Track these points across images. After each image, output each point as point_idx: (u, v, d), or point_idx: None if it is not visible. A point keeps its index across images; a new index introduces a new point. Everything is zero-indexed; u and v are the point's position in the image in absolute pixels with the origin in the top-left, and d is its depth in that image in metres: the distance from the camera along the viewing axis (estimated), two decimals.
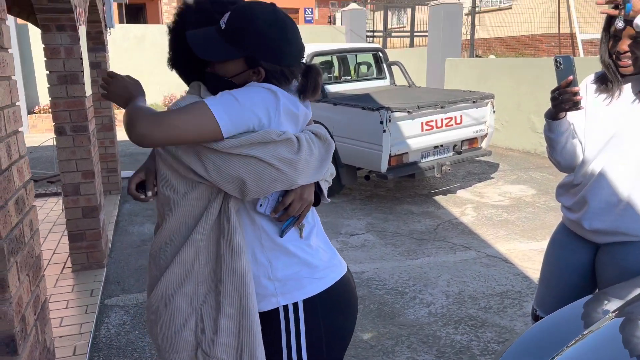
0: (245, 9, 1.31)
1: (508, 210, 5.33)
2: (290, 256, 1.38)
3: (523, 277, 3.79)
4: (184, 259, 1.34)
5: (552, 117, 1.77)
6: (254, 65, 1.32)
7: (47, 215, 5.30)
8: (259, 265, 1.37)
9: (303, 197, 1.36)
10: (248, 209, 1.36)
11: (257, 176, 1.25)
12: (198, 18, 1.37)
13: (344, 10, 12.79)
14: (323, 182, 1.45)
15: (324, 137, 1.39)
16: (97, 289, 3.66)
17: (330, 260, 1.46)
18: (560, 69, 1.64)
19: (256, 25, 1.29)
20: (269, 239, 1.37)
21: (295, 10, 22.01)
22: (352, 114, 5.39)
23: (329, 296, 1.42)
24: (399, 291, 3.62)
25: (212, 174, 1.26)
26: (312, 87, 1.38)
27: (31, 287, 1.73)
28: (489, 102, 5.89)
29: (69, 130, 3.70)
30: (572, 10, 13.21)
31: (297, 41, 1.35)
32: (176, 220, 1.35)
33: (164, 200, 1.37)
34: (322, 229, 1.53)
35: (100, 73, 5.66)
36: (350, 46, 7.18)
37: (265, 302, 1.38)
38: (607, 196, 1.73)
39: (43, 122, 10.93)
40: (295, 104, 1.35)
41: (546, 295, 2.01)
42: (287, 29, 1.33)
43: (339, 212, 5.42)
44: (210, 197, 1.33)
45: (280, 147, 1.26)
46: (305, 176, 1.32)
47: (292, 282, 1.38)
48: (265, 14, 1.30)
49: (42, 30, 3.49)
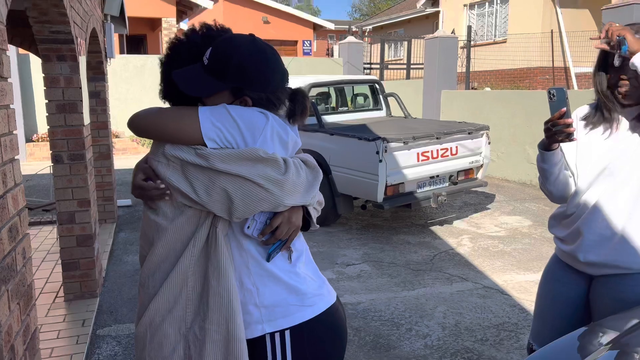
0: (225, 43, 1.36)
1: (504, 241, 5.32)
2: (278, 283, 1.38)
3: (520, 308, 3.76)
4: (172, 285, 1.34)
5: (545, 148, 1.79)
6: (240, 95, 1.36)
7: (41, 243, 5.26)
8: (246, 291, 1.36)
9: (291, 220, 1.36)
10: (236, 234, 1.36)
11: (243, 195, 1.27)
12: (189, 52, 1.41)
13: (342, 43, 13.01)
14: (311, 209, 1.46)
15: (312, 164, 1.41)
16: (90, 318, 3.61)
17: (318, 288, 1.45)
18: (553, 101, 1.67)
19: (237, 57, 1.33)
20: (257, 264, 1.37)
21: (294, 42, 22.37)
22: (349, 144, 5.43)
23: (317, 325, 1.40)
24: (395, 322, 3.58)
25: (200, 193, 1.28)
26: (300, 110, 1.41)
27: (21, 317, 1.71)
28: (484, 133, 5.95)
29: (66, 159, 3.71)
30: (566, 44, 13.47)
31: (278, 67, 1.40)
32: (165, 246, 1.35)
33: (153, 226, 1.37)
34: (311, 257, 1.52)
35: (99, 102, 5.71)
36: (348, 78, 7.28)
37: (251, 329, 1.37)
38: (602, 229, 1.74)
39: (41, 150, 10.96)
40: (286, 130, 1.38)
41: (542, 328, 1.99)
42: (267, 57, 1.37)
43: (335, 241, 5.40)
44: (198, 223, 1.33)
45: (268, 166, 1.28)
46: (293, 198, 1.33)
47: (278, 309, 1.37)
48: (245, 45, 1.35)
49: (43, 59, 3.54)
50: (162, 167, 1.31)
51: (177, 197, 1.32)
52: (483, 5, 16.18)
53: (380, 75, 13.53)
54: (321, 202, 1.51)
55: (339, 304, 1.51)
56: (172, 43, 1.45)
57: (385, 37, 17.29)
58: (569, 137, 1.67)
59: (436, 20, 18.54)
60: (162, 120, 1.31)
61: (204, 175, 1.27)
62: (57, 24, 3.36)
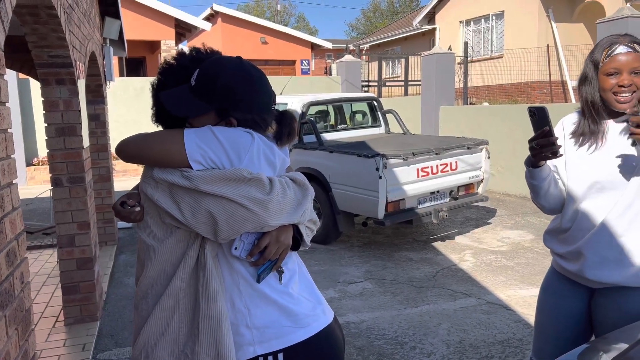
0: (212, 65, 1.38)
1: (507, 255, 5.29)
2: (270, 304, 1.36)
3: (524, 324, 3.72)
4: (164, 308, 1.33)
5: (532, 165, 1.78)
6: (226, 116, 1.37)
7: (41, 267, 5.23)
8: (237, 312, 1.35)
9: (279, 240, 1.35)
10: (226, 255, 1.36)
11: (227, 216, 1.27)
12: (178, 76, 1.43)
13: (340, 62, 13.12)
14: (303, 227, 1.44)
15: (301, 182, 1.41)
16: (90, 342, 3.57)
17: (313, 309, 1.43)
18: (535, 119, 1.67)
19: (223, 78, 1.35)
20: (247, 285, 1.36)
21: (292, 62, 22.55)
22: (348, 161, 5.44)
23: (310, 346, 1.38)
24: (399, 341, 3.54)
25: (186, 215, 1.28)
26: (287, 132, 1.43)
27: (20, 342, 1.68)
28: (483, 148, 5.96)
29: (66, 182, 3.71)
30: (562, 59, 13.57)
31: (264, 89, 1.41)
32: (156, 268, 1.35)
33: (145, 248, 1.38)
34: (307, 277, 1.51)
35: (98, 125, 5.73)
36: (346, 96, 7.32)
37: (243, 351, 1.35)
38: (603, 250, 1.72)
39: (41, 174, 10.97)
40: (272, 150, 1.39)
41: (543, 344, 1.96)
42: (253, 79, 1.39)
43: (336, 259, 5.37)
44: (187, 244, 1.34)
45: (252, 187, 1.28)
46: (278, 217, 1.32)
47: (270, 330, 1.35)
48: (231, 67, 1.37)
49: (42, 83, 3.56)
50: (151, 189, 1.33)
51: (166, 219, 1.33)
52: (479, 21, 16.34)
53: (379, 92, 13.61)
54: (315, 221, 1.50)
55: (335, 324, 1.49)
56: (163, 67, 1.48)
57: (383, 55, 17.43)
58: (555, 154, 1.67)
59: (433, 37, 18.71)
60: (148, 145, 1.32)
61: (189, 197, 1.28)
62: (56, 48, 3.38)
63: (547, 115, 1.65)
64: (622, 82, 1.66)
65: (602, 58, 1.71)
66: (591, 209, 1.74)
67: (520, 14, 14.45)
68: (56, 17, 3.03)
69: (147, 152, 1.31)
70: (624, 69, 1.66)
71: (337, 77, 13.46)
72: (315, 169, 5.79)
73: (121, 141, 1.38)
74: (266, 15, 44.04)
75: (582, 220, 1.76)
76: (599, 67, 1.71)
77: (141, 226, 1.39)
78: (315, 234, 1.52)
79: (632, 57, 1.65)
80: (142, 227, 1.39)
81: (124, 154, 1.37)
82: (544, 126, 1.64)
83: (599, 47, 1.73)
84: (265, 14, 44.10)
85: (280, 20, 43.47)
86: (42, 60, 3.46)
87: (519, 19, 14.43)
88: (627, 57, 1.66)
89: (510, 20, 14.83)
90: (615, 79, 1.67)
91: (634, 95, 1.67)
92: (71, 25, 3.55)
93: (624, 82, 1.66)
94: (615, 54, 1.68)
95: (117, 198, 5.25)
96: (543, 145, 1.65)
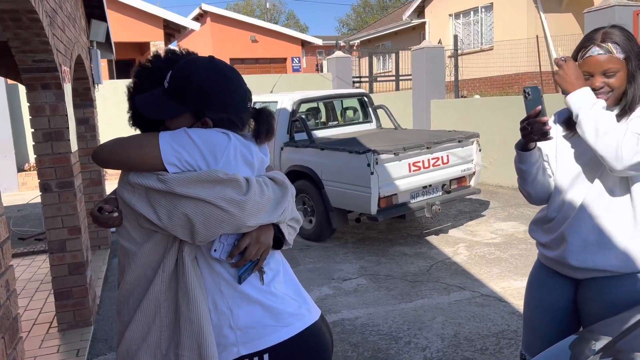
0: (184, 66, 1.37)
1: (501, 247, 5.30)
2: (252, 304, 1.36)
3: (518, 315, 3.73)
4: (145, 312, 1.33)
5: (522, 149, 1.79)
6: (201, 117, 1.36)
7: (34, 273, 5.21)
8: (220, 313, 1.34)
9: (259, 240, 1.35)
10: (206, 257, 1.35)
11: (204, 218, 1.26)
12: (153, 78, 1.42)
13: (330, 58, 13.09)
14: (284, 226, 1.44)
15: (280, 181, 1.41)
16: (84, 348, 3.56)
17: (298, 308, 1.43)
18: (528, 100, 1.68)
19: (195, 79, 1.34)
20: (229, 286, 1.35)
21: (283, 59, 22.51)
22: (340, 158, 5.43)
23: (295, 345, 1.38)
24: (393, 336, 3.54)
25: (162, 218, 1.28)
26: (264, 129, 1.42)
27: (7, 351, 1.67)
28: (474, 140, 5.96)
29: (55, 187, 3.69)
30: (552, 49, 13.61)
31: (238, 88, 1.40)
32: (135, 272, 1.34)
33: (124, 253, 1.37)
34: (292, 276, 1.50)
35: (88, 129, 5.70)
36: (336, 92, 7.31)
37: (227, 353, 1.34)
38: (586, 234, 1.73)
39: (33, 180, 10.89)
40: (250, 149, 1.38)
41: (532, 338, 1.97)
42: (226, 78, 1.38)
43: (330, 256, 5.37)
44: (166, 247, 1.33)
45: (227, 187, 1.27)
46: (256, 218, 1.31)
47: (253, 330, 1.35)
48: (202, 67, 1.36)
49: (27, 89, 3.53)
50: (127, 194, 1.32)
51: (143, 223, 1.32)
52: (468, 14, 16.36)
53: (370, 88, 13.60)
54: (297, 219, 1.49)
55: (322, 322, 1.49)
56: (138, 70, 1.47)
57: (373, 50, 17.42)
58: (545, 136, 1.67)
59: (422, 31, 18.72)
60: (123, 150, 1.31)
61: (166, 200, 1.27)
62: (40, 52, 3.36)
63: (540, 95, 1.66)
64: (593, 85, 1.68)
65: (577, 59, 1.73)
66: (576, 198, 1.74)
67: (509, 6, 14.48)
68: (38, 21, 3.01)
69: (122, 157, 1.30)
70: (596, 72, 1.68)
71: (328, 74, 13.44)
72: (307, 167, 5.78)
73: (97, 147, 1.37)
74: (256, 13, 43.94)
75: (567, 210, 1.77)
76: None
77: (120, 231, 1.38)
78: (309, 231, 1.52)
79: (604, 59, 1.65)
80: (121, 232, 1.38)
81: (100, 158, 1.36)
82: (537, 106, 1.65)
83: (579, 45, 1.74)
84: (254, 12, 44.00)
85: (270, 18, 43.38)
86: (27, 65, 3.43)
87: (508, 11, 14.46)
88: (597, 59, 1.66)
89: (499, 12, 14.85)
90: (589, 82, 1.69)
91: (609, 95, 1.68)
92: (55, 29, 3.52)
93: (594, 85, 1.68)
94: (587, 56, 1.69)
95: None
96: (533, 125, 1.66)
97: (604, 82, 1.66)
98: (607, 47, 1.65)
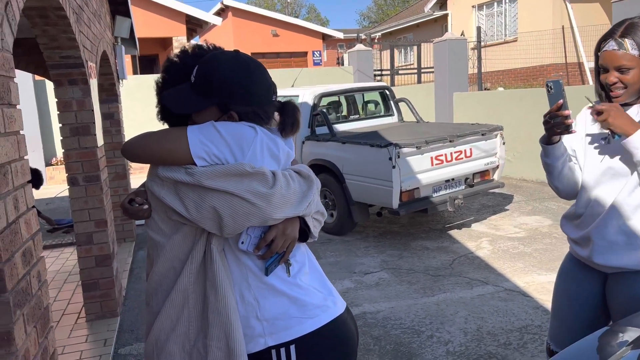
0: (209, 60, 1.39)
1: (524, 242, 5.24)
2: (279, 295, 1.37)
3: (543, 310, 3.69)
4: (174, 303, 1.35)
5: (546, 142, 1.78)
6: (227, 111, 1.38)
7: (62, 265, 5.33)
8: (247, 305, 1.36)
9: (286, 232, 1.36)
10: (233, 249, 1.36)
11: (232, 211, 1.28)
12: (181, 73, 1.44)
13: (351, 51, 13.04)
14: (310, 219, 1.45)
15: (305, 174, 1.41)
16: (111, 338, 3.64)
17: (323, 300, 1.44)
18: (551, 94, 1.67)
19: (220, 73, 1.36)
20: (256, 278, 1.37)
21: (304, 53, 22.50)
22: (361, 152, 5.42)
23: (321, 336, 1.39)
24: (416, 330, 3.53)
25: (191, 211, 1.30)
26: (290, 122, 1.43)
27: (39, 339, 1.72)
28: (498, 133, 5.89)
29: (82, 181, 3.76)
30: (578, 40, 13.31)
31: (263, 81, 1.41)
32: (164, 263, 1.37)
33: (153, 245, 1.40)
34: (317, 268, 1.51)
35: (113, 123, 5.80)
36: (357, 86, 7.28)
37: (254, 343, 1.36)
38: (612, 235, 1.72)
39: (60, 174, 11.13)
40: (276, 143, 1.39)
41: (559, 328, 1.95)
42: (250, 71, 1.39)
43: (352, 250, 5.38)
44: (194, 240, 1.35)
45: (254, 180, 1.28)
46: (282, 211, 1.32)
47: (280, 321, 1.36)
48: (227, 61, 1.38)
49: (55, 84, 3.60)
50: (157, 187, 1.35)
51: (172, 216, 1.34)
52: (492, 5, 16.10)
53: (391, 81, 13.51)
54: (322, 212, 1.50)
55: (347, 315, 1.49)
56: (166, 65, 1.48)
57: (394, 43, 17.30)
58: (567, 130, 1.66)
59: (445, 23, 18.49)
60: (152, 144, 1.33)
61: (194, 193, 1.29)
62: (67, 49, 3.42)
63: (562, 89, 1.65)
64: (608, 80, 1.66)
65: (596, 52, 1.73)
66: (604, 195, 1.73)
67: None
68: (65, 17, 3.06)
69: (152, 151, 1.33)
70: (610, 67, 1.66)
71: (349, 67, 13.39)
72: (329, 161, 5.78)
73: (126, 142, 1.40)
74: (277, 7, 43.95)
75: (595, 206, 1.75)
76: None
77: (149, 223, 1.41)
78: (330, 225, 1.52)
79: (618, 55, 1.64)
80: (150, 224, 1.41)
81: (129, 154, 1.38)
82: (559, 100, 1.64)
83: (602, 36, 1.72)
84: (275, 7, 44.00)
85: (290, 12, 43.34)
86: (54, 62, 3.50)
87: (533, 1, 14.17)
88: (612, 55, 1.65)
89: (524, 3, 14.57)
90: (605, 75, 1.69)
91: (624, 92, 1.66)
92: (81, 26, 3.59)
93: (608, 80, 1.66)
94: (603, 50, 1.68)
95: None
96: (555, 119, 1.65)
97: (617, 78, 1.65)
98: (624, 42, 1.63)
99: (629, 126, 1.59)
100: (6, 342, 1.48)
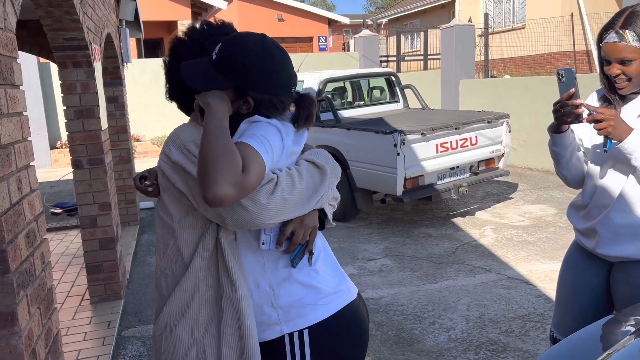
0: (234, 40, 1.32)
1: (528, 230, 5.23)
2: (294, 283, 1.36)
3: (545, 298, 3.69)
4: (185, 289, 1.34)
5: (555, 131, 1.76)
6: (243, 95, 1.31)
7: (67, 247, 5.36)
8: (262, 292, 1.35)
9: (304, 223, 1.33)
10: (249, 237, 1.35)
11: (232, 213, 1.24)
12: (191, 50, 1.40)
13: (357, 37, 12.93)
14: (327, 206, 1.42)
15: (320, 164, 1.36)
16: (115, 320, 3.66)
17: (337, 286, 1.43)
18: (562, 82, 1.64)
19: (243, 55, 1.29)
20: (271, 266, 1.35)
21: (309, 39, 22.34)
22: (366, 138, 5.40)
23: (335, 322, 1.39)
24: (418, 316, 3.54)
25: (197, 199, 1.28)
26: (304, 116, 1.36)
27: (42, 320, 1.73)
28: (504, 121, 5.85)
29: (86, 164, 3.76)
30: (587, 27, 13.15)
31: (285, 71, 1.34)
32: (173, 247, 1.35)
33: (163, 226, 1.38)
34: (331, 254, 1.50)
35: (117, 107, 5.78)
36: (363, 71, 7.23)
37: (270, 331, 1.36)
38: (616, 227, 1.71)
39: (65, 157, 11.16)
40: (298, 142, 1.36)
41: (563, 316, 1.95)
42: (274, 59, 1.32)
43: (355, 236, 5.38)
44: (204, 226, 1.33)
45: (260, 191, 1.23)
46: (282, 215, 1.27)
47: (295, 309, 1.35)
48: (253, 45, 1.31)
49: (59, 67, 3.59)
50: (169, 169, 1.32)
51: (183, 199, 1.33)
52: None
53: (397, 67, 13.42)
54: (336, 197, 1.47)
55: (359, 300, 1.49)
56: (173, 43, 1.44)
57: (401, 29, 17.14)
58: (577, 119, 1.64)
59: (452, 9, 18.30)
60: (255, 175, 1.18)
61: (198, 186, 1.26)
62: (71, 30, 3.40)
63: (574, 78, 1.62)
64: (611, 72, 1.65)
65: (598, 43, 1.70)
66: (609, 185, 1.72)
67: None
68: None
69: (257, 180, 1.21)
70: (612, 59, 1.64)
71: (355, 53, 13.30)
72: (333, 147, 5.76)
73: (242, 177, 1.15)
74: None
75: (600, 197, 1.74)
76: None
77: (159, 203, 1.40)
78: (334, 211, 1.50)
79: (620, 48, 1.61)
80: (160, 204, 1.39)
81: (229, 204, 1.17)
82: (570, 89, 1.62)
83: (603, 27, 1.69)
84: None
85: None
86: (58, 44, 3.48)
87: None
88: (613, 47, 1.62)
89: None
90: (608, 67, 1.67)
91: (629, 83, 1.64)
92: (85, 8, 3.56)
93: (611, 72, 1.64)
94: (604, 42, 1.65)
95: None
96: (566, 107, 1.63)
97: (620, 69, 1.63)
98: (624, 34, 1.60)
99: (625, 133, 1.59)
100: (10, 322, 1.48)
